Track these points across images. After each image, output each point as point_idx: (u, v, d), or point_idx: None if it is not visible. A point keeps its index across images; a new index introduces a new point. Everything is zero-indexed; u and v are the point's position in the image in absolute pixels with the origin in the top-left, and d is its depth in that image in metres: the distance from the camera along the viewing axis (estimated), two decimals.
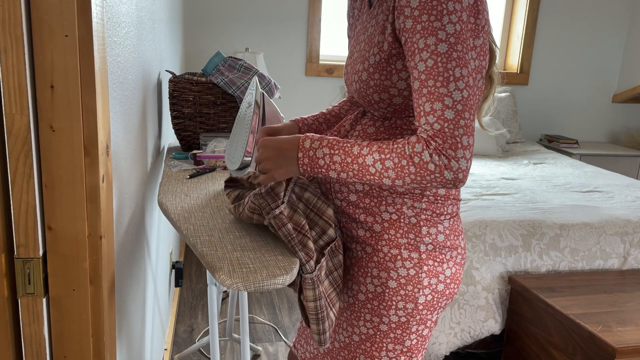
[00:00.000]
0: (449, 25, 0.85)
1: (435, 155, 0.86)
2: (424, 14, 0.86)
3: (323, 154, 0.95)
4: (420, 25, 0.86)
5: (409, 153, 0.88)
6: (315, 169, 0.97)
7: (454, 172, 0.86)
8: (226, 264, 0.92)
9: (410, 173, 0.88)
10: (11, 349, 0.79)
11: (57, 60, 0.73)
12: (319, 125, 1.27)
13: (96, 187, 0.80)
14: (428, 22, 0.85)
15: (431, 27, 0.85)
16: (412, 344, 1.06)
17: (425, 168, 0.87)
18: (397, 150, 0.89)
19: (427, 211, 1.03)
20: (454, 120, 0.85)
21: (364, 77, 1.00)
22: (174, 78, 1.82)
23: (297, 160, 0.98)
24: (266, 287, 0.87)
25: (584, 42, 4.02)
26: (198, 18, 3.46)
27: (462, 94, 0.85)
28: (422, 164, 0.87)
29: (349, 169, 0.93)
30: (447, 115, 0.85)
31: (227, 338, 2.39)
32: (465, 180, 0.88)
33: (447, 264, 1.05)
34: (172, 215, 1.19)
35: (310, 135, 0.98)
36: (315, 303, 0.97)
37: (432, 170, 0.87)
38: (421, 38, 0.86)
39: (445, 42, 0.85)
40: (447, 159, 0.86)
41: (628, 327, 1.74)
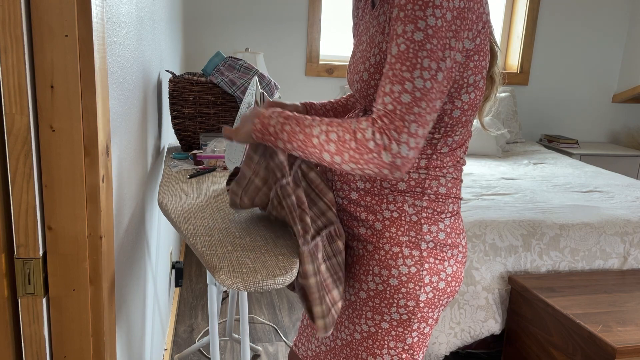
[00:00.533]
0: (430, 18, 0.85)
1: (378, 133, 0.84)
2: (409, 2, 0.85)
3: (276, 122, 0.95)
4: (404, 12, 0.86)
5: (354, 128, 0.86)
6: (265, 136, 0.96)
7: (393, 155, 0.84)
8: (226, 264, 0.92)
9: (350, 148, 0.86)
10: (11, 349, 0.79)
11: (57, 60, 0.73)
12: (325, 112, 1.27)
13: (96, 187, 0.80)
14: (411, 11, 0.85)
15: (413, 15, 0.85)
16: (414, 342, 1.07)
17: (365, 145, 0.85)
18: (343, 124, 0.88)
19: (428, 209, 1.03)
20: (409, 105, 0.84)
21: (365, 77, 1.00)
22: (174, 78, 1.82)
23: (253, 124, 0.98)
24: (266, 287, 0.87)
25: (584, 42, 4.02)
26: (198, 18, 3.46)
27: (425, 83, 0.84)
28: (363, 140, 0.85)
29: (294, 138, 0.92)
30: (403, 98, 0.84)
31: (227, 338, 2.39)
32: (403, 169, 0.85)
33: (448, 262, 1.05)
34: (172, 215, 1.19)
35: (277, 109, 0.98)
36: (316, 278, 0.96)
37: (371, 149, 0.85)
38: (401, 25, 0.86)
39: (422, 32, 0.84)
40: (388, 139, 0.84)
41: (628, 327, 1.74)
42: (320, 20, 3.60)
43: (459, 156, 1.05)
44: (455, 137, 1.02)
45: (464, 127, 1.03)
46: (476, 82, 0.98)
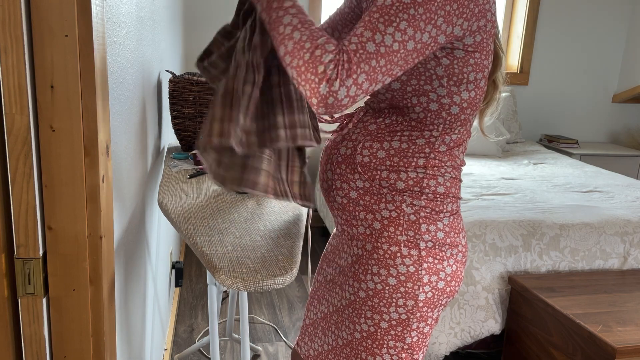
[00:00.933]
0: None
1: (333, 65, 0.83)
2: None
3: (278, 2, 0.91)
4: None
5: (319, 43, 0.84)
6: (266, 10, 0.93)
7: (330, 92, 0.83)
8: (226, 264, 0.92)
9: (302, 57, 0.84)
10: (11, 349, 0.79)
11: (57, 60, 0.73)
12: None
13: (96, 187, 0.80)
14: None
15: None
16: (413, 341, 1.07)
17: (315, 65, 0.83)
18: (314, 32, 0.86)
19: (426, 209, 1.03)
20: (369, 55, 0.83)
21: None
22: (174, 78, 1.82)
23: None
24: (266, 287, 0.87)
25: (584, 42, 4.02)
26: (198, 18, 3.46)
27: (393, 43, 0.84)
28: (316, 59, 0.83)
29: (269, 13, 0.90)
30: (368, 47, 0.84)
31: (227, 338, 2.39)
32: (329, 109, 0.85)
33: (448, 261, 1.05)
34: (172, 215, 1.19)
35: None
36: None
37: (317, 72, 0.83)
38: None
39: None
40: (336, 75, 0.82)
41: (628, 327, 1.74)
42: (320, 21, 3.60)
43: (457, 156, 1.05)
44: (453, 135, 1.03)
45: (463, 125, 1.03)
46: (477, 80, 0.98)
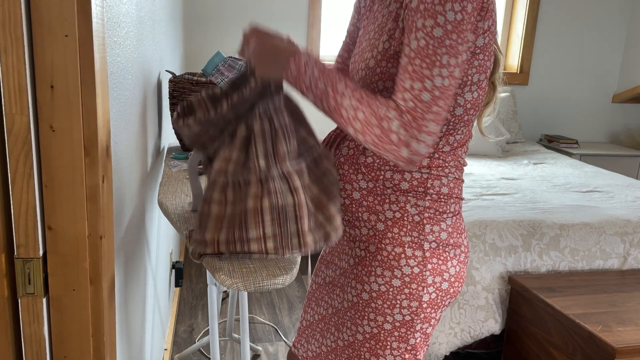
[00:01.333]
0: (449, 13, 0.85)
1: (403, 129, 0.87)
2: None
3: (312, 73, 0.94)
4: (424, 5, 0.87)
5: (383, 114, 0.88)
6: (297, 84, 0.95)
7: (411, 152, 0.88)
8: (226, 264, 0.92)
9: (373, 133, 0.89)
10: (11, 349, 0.79)
11: (57, 60, 0.73)
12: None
13: (96, 187, 0.80)
14: (431, 4, 0.86)
15: (433, 9, 0.86)
16: (416, 342, 1.07)
17: (388, 136, 0.88)
18: (373, 106, 0.89)
19: (430, 209, 1.03)
20: (428, 104, 0.86)
21: (371, 65, 1.00)
22: (174, 78, 1.82)
23: (287, 68, 0.95)
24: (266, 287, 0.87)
25: (584, 42, 4.02)
26: (198, 18, 3.46)
27: (443, 81, 0.86)
28: (387, 131, 0.88)
29: (326, 100, 0.93)
30: (423, 96, 0.86)
31: (227, 338, 2.39)
32: (417, 164, 0.90)
33: (451, 262, 1.05)
34: (172, 215, 1.19)
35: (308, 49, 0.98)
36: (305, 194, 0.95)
37: (393, 141, 0.88)
38: (421, 18, 0.87)
39: (441, 28, 0.86)
40: (410, 137, 0.87)
41: (628, 327, 1.74)
42: (320, 20, 3.60)
43: (460, 156, 1.05)
44: (457, 135, 1.02)
45: (466, 126, 1.03)
46: (480, 82, 0.99)
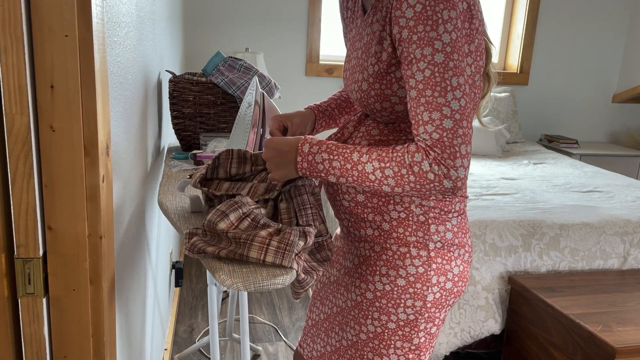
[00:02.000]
0: (444, 35, 0.86)
1: (435, 165, 0.87)
2: (419, 24, 0.86)
3: (322, 159, 0.96)
4: (417, 35, 0.87)
5: (409, 162, 0.89)
6: (314, 173, 0.98)
7: (453, 181, 0.88)
8: (226, 264, 0.92)
9: (409, 182, 0.90)
10: (11, 349, 0.79)
11: (57, 60, 0.73)
12: (331, 110, 1.29)
13: (96, 187, 0.80)
14: (424, 33, 0.86)
15: (427, 37, 0.86)
16: (421, 342, 1.07)
17: (424, 177, 0.88)
18: (396, 159, 0.90)
19: (435, 209, 1.03)
20: (453, 129, 0.86)
21: (364, 87, 1.01)
22: (174, 78, 1.82)
23: (296, 164, 0.99)
24: (266, 287, 0.87)
25: (584, 42, 4.02)
26: (198, 18, 3.46)
27: (459, 102, 0.87)
28: (421, 173, 0.88)
29: (348, 175, 0.95)
30: (445, 124, 0.86)
31: (227, 338, 2.39)
32: (463, 188, 0.90)
33: (455, 261, 1.05)
34: (172, 215, 1.19)
35: (309, 138, 0.99)
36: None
37: (432, 180, 0.88)
38: (417, 48, 0.87)
39: (441, 52, 0.86)
40: (446, 168, 0.87)
41: (628, 327, 1.74)
42: (320, 20, 3.60)
43: None
44: None
45: None
46: (474, 82, 0.99)
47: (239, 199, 1.02)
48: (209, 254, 0.92)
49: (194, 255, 0.94)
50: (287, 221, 1.03)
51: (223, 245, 0.93)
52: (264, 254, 0.89)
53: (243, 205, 1.00)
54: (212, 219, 0.96)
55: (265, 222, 0.98)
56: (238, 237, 0.92)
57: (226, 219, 0.97)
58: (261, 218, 0.99)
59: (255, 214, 1.00)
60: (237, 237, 0.92)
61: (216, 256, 0.93)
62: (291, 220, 1.02)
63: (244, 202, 1.01)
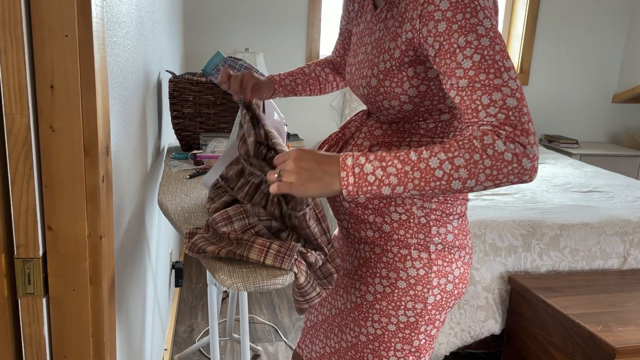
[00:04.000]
0: (485, 20, 0.84)
1: (510, 143, 0.80)
2: (458, 12, 0.84)
3: (373, 168, 0.84)
4: (457, 24, 0.84)
5: (480, 146, 0.80)
6: (363, 187, 0.84)
7: (531, 159, 0.80)
8: (226, 264, 0.92)
9: (485, 168, 0.81)
10: (11, 349, 0.79)
11: (57, 60, 0.73)
12: (295, 86, 1.27)
13: (96, 187, 0.80)
14: (464, 20, 0.83)
15: (469, 24, 0.83)
16: (421, 344, 1.06)
17: (501, 159, 0.80)
18: (465, 146, 0.81)
19: (436, 211, 1.02)
20: (518, 107, 0.81)
21: (373, 84, 0.99)
22: (174, 78, 1.82)
23: (340, 178, 0.85)
24: (266, 287, 0.87)
25: (584, 42, 4.02)
26: (198, 18, 3.46)
27: (516, 82, 0.82)
28: (497, 155, 0.80)
29: (408, 179, 0.83)
30: (509, 103, 0.81)
31: (227, 338, 2.39)
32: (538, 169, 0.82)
33: (456, 263, 1.05)
34: (172, 215, 1.19)
35: (350, 153, 0.87)
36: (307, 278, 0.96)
37: (510, 161, 0.80)
38: (461, 36, 0.84)
39: (486, 37, 0.83)
40: (522, 146, 0.80)
41: (628, 327, 1.74)
42: (320, 20, 3.60)
43: None
44: None
45: None
46: None
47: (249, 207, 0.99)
48: (209, 254, 0.92)
49: (194, 254, 0.94)
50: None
51: (223, 245, 0.93)
52: (263, 256, 0.89)
53: (251, 215, 0.98)
54: (217, 219, 0.96)
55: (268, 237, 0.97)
56: (239, 238, 0.92)
57: (230, 225, 0.96)
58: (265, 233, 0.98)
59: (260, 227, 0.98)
60: (239, 238, 0.92)
61: (216, 256, 0.93)
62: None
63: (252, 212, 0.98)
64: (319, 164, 0.86)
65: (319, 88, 1.31)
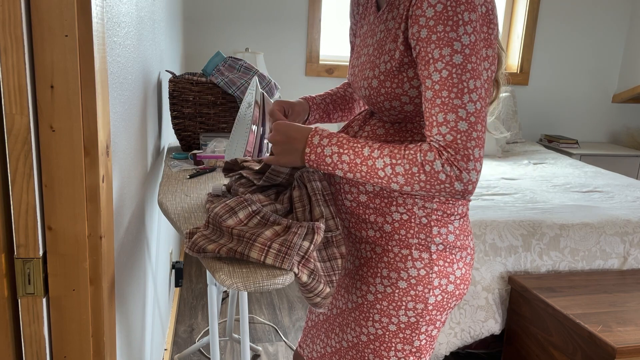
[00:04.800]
0: (464, 36, 0.85)
1: (447, 165, 0.86)
2: (439, 24, 0.85)
3: (331, 152, 0.95)
4: (436, 35, 0.85)
5: (421, 161, 0.87)
6: (321, 166, 0.97)
7: (464, 183, 0.86)
8: (226, 264, 0.92)
9: (420, 181, 0.88)
10: (11, 349, 0.79)
11: (57, 60, 0.73)
12: (326, 105, 1.28)
13: (96, 187, 0.80)
14: (444, 33, 0.85)
15: (447, 37, 0.85)
16: (421, 344, 1.06)
17: (436, 177, 0.87)
18: (408, 156, 0.89)
19: (438, 211, 1.02)
20: (467, 132, 0.85)
21: (374, 85, 0.99)
22: (174, 78, 1.82)
23: (304, 154, 0.98)
24: (266, 287, 0.87)
25: (584, 42, 4.02)
26: (198, 18, 3.46)
27: (475, 105, 0.85)
28: (433, 173, 0.87)
29: (357, 170, 0.93)
30: (460, 126, 0.85)
31: (227, 338, 2.39)
32: (473, 191, 0.89)
33: (457, 264, 1.05)
34: (172, 215, 1.19)
35: (319, 130, 0.98)
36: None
37: (443, 180, 0.86)
38: (436, 48, 0.86)
39: (460, 54, 0.85)
40: (458, 170, 0.85)
41: (628, 327, 1.74)
42: (320, 20, 3.60)
43: None
44: None
45: None
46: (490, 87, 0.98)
47: (249, 196, 1.01)
48: (210, 253, 0.92)
49: (195, 254, 0.94)
50: (301, 209, 1.02)
51: (223, 242, 0.93)
52: (264, 255, 0.89)
53: (252, 203, 1.00)
54: (220, 212, 0.96)
55: (275, 219, 0.98)
56: (242, 234, 0.92)
57: (234, 217, 0.97)
58: (270, 215, 0.99)
59: (265, 212, 1.00)
60: (241, 235, 0.92)
61: (216, 255, 0.93)
62: (305, 209, 1.02)
63: (253, 199, 1.01)
64: (290, 140, 0.99)
65: (348, 107, 1.32)
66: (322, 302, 0.97)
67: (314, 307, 0.99)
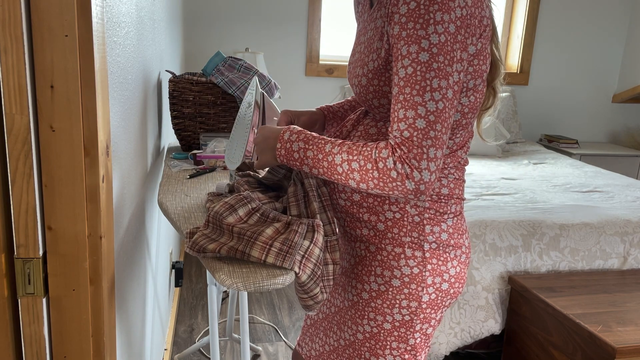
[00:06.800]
0: (433, 35, 0.85)
1: (399, 163, 0.86)
2: (410, 21, 0.85)
3: (298, 147, 0.98)
4: (406, 32, 0.86)
5: (375, 157, 0.88)
6: (290, 161, 0.99)
7: (416, 182, 0.86)
8: (226, 264, 0.92)
9: (373, 178, 0.89)
10: (11, 349, 0.79)
11: (57, 60, 0.73)
12: (344, 112, 1.28)
13: (96, 187, 0.80)
14: (413, 30, 0.85)
15: (415, 35, 0.85)
16: (416, 343, 1.07)
17: (387, 175, 0.87)
18: (364, 152, 0.90)
19: (430, 210, 1.02)
20: (424, 130, 0.85)
21: (363, 83, 1.00)
22: (174, 78, 1.82)
23: (275, 150, 1.01)
24: (266, 287, 0.87)
25: (584, 42, 4.02)
26: (198, 18, 3.46)
27: (437, 105, 0.85)
28: (385, 170, 0.87)
29: (319, 165, 0.95)
30: (418, 124, 0.85)
31: (227, 338, 2.39)
32: (427, 192, 0.88)
33: (452, 262, 1.05)
34: (172, 215, 1.19)
35: (292, 127, 1.01)
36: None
37: (394, 178, 0.87)
38: (404, 45, 0.86)
39: (427, 52, 0.85)
40: (409, 168, 0.85)
41: (628, 327, 1.74)
42: (320, 20, 3.60)
43: (460, 157, 1.05)
44: (456, 139, 1.02)
45: (464, 129, 1.02)
46: (476, 86, 0.98)
47: (248, 194, 1.02)
48: (210, 252, 0.92)
49: (195, 253, 0.94)
50: (295, 204, 1.03)
51: (224, 241, 0.93)
52: (265, 254, 0.89)
53: (252, 200, 1.00)
54: (220, 210, 0.96)
55: (274, 215, 0.99)
56: (243, 233, 0.92)
57: (235, 214, 0.97)
58: (270, 212, 1.00)
59: (264, 209, 1.00)
60: (242, 233, 0.92)
61: (217, 255, 0.93)
62: (298, 203, 1.03)
63: (253, 197, 1.01)
64: (265, 139, 1.04)
65: None
66: (314, 305, 0.98)
67: (305, 309, 1.00)
